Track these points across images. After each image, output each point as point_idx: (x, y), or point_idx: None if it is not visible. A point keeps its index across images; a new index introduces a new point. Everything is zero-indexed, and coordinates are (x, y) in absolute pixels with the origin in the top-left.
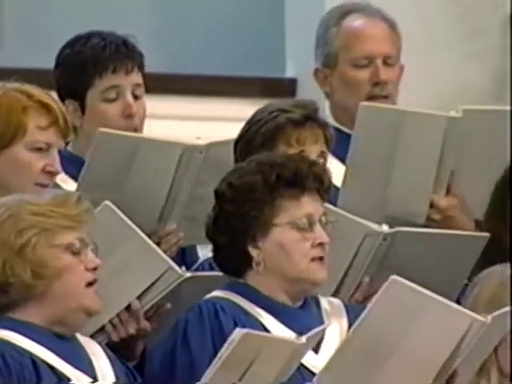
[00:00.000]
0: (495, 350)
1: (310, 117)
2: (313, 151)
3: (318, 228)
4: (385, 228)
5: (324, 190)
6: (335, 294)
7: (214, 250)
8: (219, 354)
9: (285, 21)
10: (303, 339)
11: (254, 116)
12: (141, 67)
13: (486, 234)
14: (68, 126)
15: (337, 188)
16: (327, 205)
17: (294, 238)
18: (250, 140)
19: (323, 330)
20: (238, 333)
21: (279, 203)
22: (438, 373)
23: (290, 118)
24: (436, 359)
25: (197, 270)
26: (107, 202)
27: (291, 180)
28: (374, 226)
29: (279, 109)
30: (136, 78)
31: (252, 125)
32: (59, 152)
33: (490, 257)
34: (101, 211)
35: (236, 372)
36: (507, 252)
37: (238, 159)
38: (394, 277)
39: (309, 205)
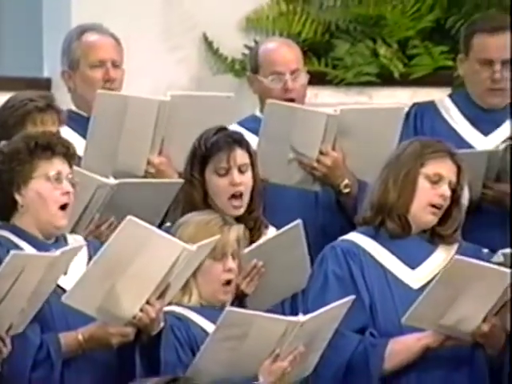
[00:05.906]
0: (195, 275)
1: (50, 105)
2: (52, 131)
3: (64, 182)
4: (112, 180)
5: (70, 156)
6: (75, 228)
7: None
8: None
9: (43, 31)
10: (57, 253)
11: (7, 102)
12: None
13: (181, 181)
14: None
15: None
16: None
17: (47, 188)
18: (4, 121)
19: (79, 248)
20: (10, 254)
21: (36, 162)
22: (156, 287)
23: (36, 106)
24: (155, 277)
25: None
26: None
27: (45, 146)
28: (104, 179)
29: (28, 98)
30: None
31: (6, 109)
32: None
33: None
34: None
35: (4, 285)
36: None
37: None
38: (130, 217)
39: (58, 165)
